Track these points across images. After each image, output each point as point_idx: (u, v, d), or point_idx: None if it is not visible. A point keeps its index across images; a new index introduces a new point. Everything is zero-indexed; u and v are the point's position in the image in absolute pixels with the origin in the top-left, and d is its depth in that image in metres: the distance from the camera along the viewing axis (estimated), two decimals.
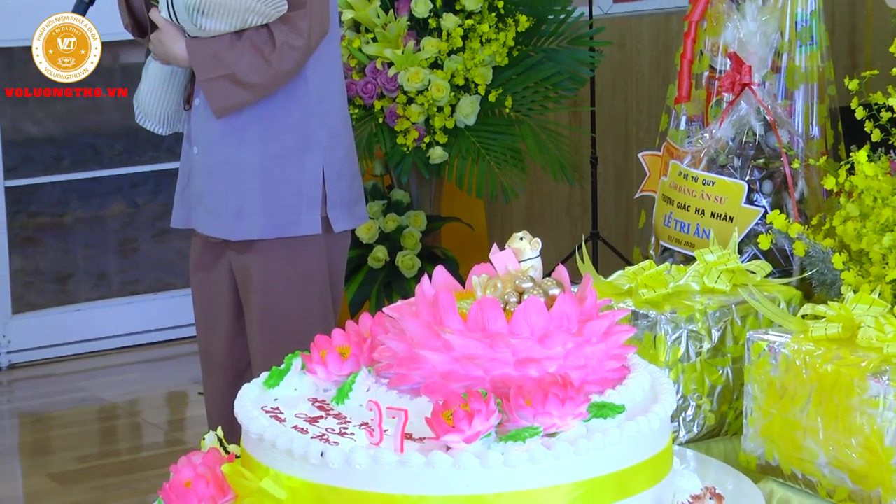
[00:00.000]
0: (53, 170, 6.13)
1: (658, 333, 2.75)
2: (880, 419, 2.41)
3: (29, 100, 6.12)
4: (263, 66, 3.62)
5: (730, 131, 3.40)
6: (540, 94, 5.36)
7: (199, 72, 3.66)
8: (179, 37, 3.67)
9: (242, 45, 3.62)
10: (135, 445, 5.25)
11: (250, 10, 3.56)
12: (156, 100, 3.81)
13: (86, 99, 6.27)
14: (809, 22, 3.60)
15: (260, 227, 3.72)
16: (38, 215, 6.17)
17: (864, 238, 2.87)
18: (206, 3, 3.56)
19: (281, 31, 3.60)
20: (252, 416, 2.11)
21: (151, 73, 3.81)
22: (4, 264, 5.80)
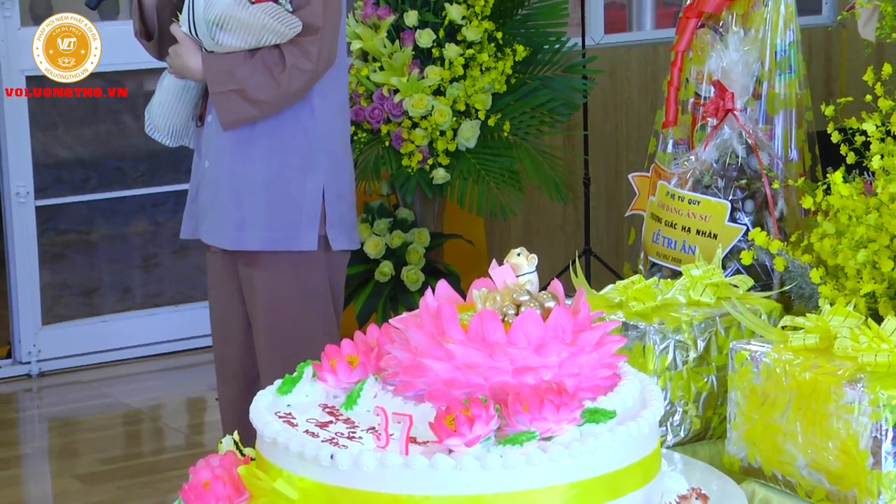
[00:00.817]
0: (81, 190, 6.13)
1: (647, 343, 2.74)
2: (855, 424, 2.41)
3: (58, 125, 6.12)
4: (272, 84, 3.62)
5: (714, 154, 3.40)
6: (536, 118, 5.36)
7: (211, 85, 3.65)
8: (196, 51, 3.67)
9: (254, 63, 3.62)
10: (156, 448, 5.24)
11: (266, 28, 3.56)
12: (167, 113, 3.81)
13: (111, 124, 6.27)
14: (788, 52, 3.60)
15: (259, 239, 3.72)
16: (67, 233, 6.16)
17: (839, 254, 2.86)
18: (225, 18, 3.56)
19: (292, 53, 3.60)
20: (266, 420, 2.11)
21: (165, 87, 3.80)
22: (35, 278, 5.79)
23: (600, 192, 6.36)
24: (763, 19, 3.59)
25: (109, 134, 6.31)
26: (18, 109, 5.69)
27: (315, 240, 3.72)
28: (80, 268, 6.19)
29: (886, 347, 2.47)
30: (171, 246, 6.20)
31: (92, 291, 6.22)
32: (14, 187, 5.72)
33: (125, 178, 6.24)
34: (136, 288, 6.29)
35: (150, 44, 3.78)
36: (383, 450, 1.97)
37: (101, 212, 6.21)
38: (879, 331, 2.51)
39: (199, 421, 5.40)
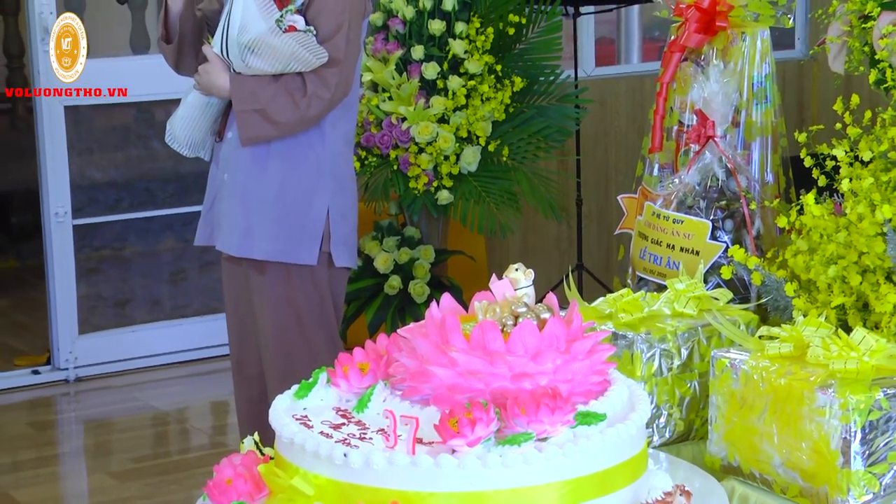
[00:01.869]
0: (114, 210, 6.13)
1: (635, 352, 2.74)
2: (826, 426, 2.41)
3: (94, 150, 6.13)
4: (292, 108, 3.62)
5: (696, 177, 3.40)
6: (532, 144, 5.36)
7: (236, 103, 3.66)
8: (225, 70, 3.67)
9: (278, 87, 3.62)
10: (183, 448, 5.23)
11: (295, 56, 3.56)
12: (188, 126, 3.81)
13: (143, 148, 6.28)
14: (764, 83, 3.60)
15: (263, 249, 3.72)
16: (101, 249, 6.17)
17: (812, 269, 2.86)
18: (258, 44, 3.56)
19: (313, 82, 3.61)
20: (284, 422, 2.11)
21: (189, 102, 3.80)
22: (72, 291, 5.79)
23: (591, 212, 6.36)
24: (741, 53, 3.59)
25: (140, 158, 6.32)
26: (57, 136, 5.70)
27: (315, 255, 3.72)
28: (113, 281, 6.19)
29: (855, 356, 2.47)
30: (197, 261, 6.21)
31: (124, 303, 6.22)
32: (53, 208, 5.72)
33: (155, 199, 6.25)
34: (165, 300, 6.29)
35: (169, 47, 3.79)
36: (392, 450, 1.97)
37: (132, 230, 6.21)
38: (849, 340, 2.51)
39: (222, 423, 5.40)
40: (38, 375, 5.78)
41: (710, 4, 3.58)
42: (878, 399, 2.39)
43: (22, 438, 5.18)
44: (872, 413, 2.39)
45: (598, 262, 6.31)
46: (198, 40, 3.80)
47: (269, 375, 3.81)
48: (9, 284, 6.97)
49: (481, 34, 5.25)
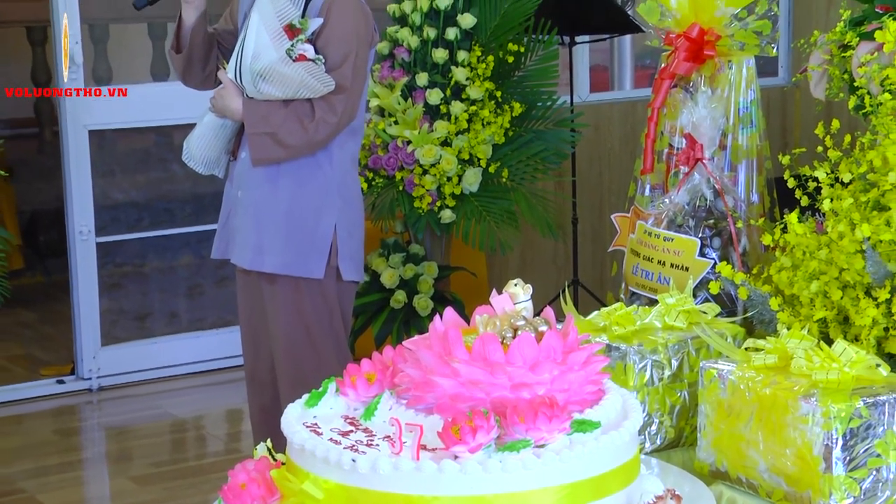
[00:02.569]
0: (135, 228, 6.14)
1: (628, 363, 2.74)
2: (809, 433, 2.40)
3: (116, 172, 6.14)
4: (301, 132, 3.63)
5: (685, 197, 3.40)
6: (530, 166, 5.36)
7: (248, 126, 3.67)
8: (238, 95, 3.68)
9: (288, 112, 3.63)
10: (200, 453, 5.23)
11: (304, 84, 3.57)
12: (204, 146, 3.82)
13: (162, 170, 6.29)
14: (750, 109, 3.60)
15: (272, 263, 3.73)
16: (123, 265, 6.17)
17: (795, 285, 2.86)
18: (269, 71, 3.57)
19: (321, 107, 3.62)
20: (295, 430, 2.11)
21: (205, 123, 3.81)
22: (95, 305, 5.80)
23: (586, 230, 6.36)
24: (728, 80, 3.59)
25: (160, 180, 6.33)
26: (81, 159, 5.71)
27: (323, 269, 3.72)
28: (134, 296, 6.19)
29: (836, 366, 2.47)
30: (213, 277, 6.21)
31: (144, 316, 6.22)
32: (77, 226, 5.73)
33: (173, 218, 6.26)
34: (183, 313, 6.29)
35: (179, 57, 3.80)
36: (397, 456, 1.96)
37: (152, 247, 6.22)
38: (830, 352, 2.50)
39: (236, 430, 5.39)
40: (62, 385, 5.78)
41: (698, 34, 3.59)
42: (858, 408, 2.39)
43: (47, 445, 5.18)
44: (853, 421, 2.39)
45: (593, 278, 6.30)
46: (206, 54, 3.80)
47: (281, 384, 3.82)
48: (36, 298, 6.97)
49: (482, 62, 5.25)
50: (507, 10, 5.26)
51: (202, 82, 3.85)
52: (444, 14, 5.24)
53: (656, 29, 3.76)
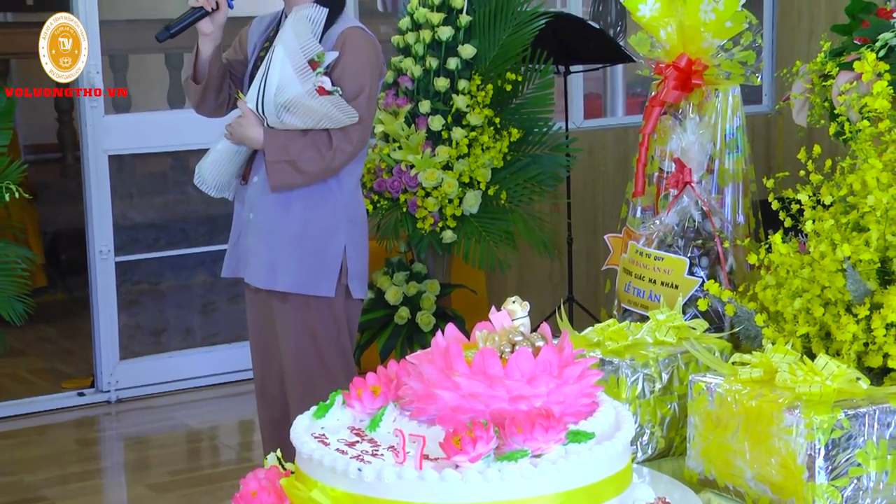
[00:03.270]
0: (152, 248, 6.14)
1: (620, 376, 2.73)
2: (793, 443, 2.40)
3: (134, 195, 6.14)
4: (319, 160, 3.63)
5: (675, 219, 3.39)
6: (528, 189, 5.37)
7: (268, 154, 3.66)
8: (258, 124, 3.68)
9: (306, 141, 3.63)
10: (213, 462, 5.22)
11: (327, 115, 3.57)
12: (217, 171, 3.82)
13: (178, 193, 6.30)
14: (735, 135, 3.60)
15: (286, 282, 3.73)
16: (140, 283, 6.17)
17: (779, 302, 2.86)
18: (294, 104, 3.57)
19: (338, 137, 3.62)
20: (304, 440, 2.10)
21: (219, 149, 3.81)
22: (114, 321, 5.80)
23: (581, 249, 6.36)
24: (715, 108, 3.59)
25: (176, 202, 6.34)
26: (101, 182, 5.71)
27: (333, 288, 3.72)
28: (150, 312, 6.19)
29: (818, 380, 2.47)
30: (226, 294, 6.21)
31: (161, 332, 6.22)
32: (97, 246, 5.73)
33: (188, 238, 6.26)
34: (197, 329, 6.29)
35: (196, 87, 3.79)
36: (401, 465, 1.96)
37: (168, 266, 6.22)
38: (813, 366, 2.50)
39: (248, 440, 5.38)
40: (83, 397, 5.78)
41: (686, 64, 3.59)
42: (839, 419, 2.39)
43: (68, 454, 5.17)
44: (835, 432, 2.38)
45: (587, 295, 6.30)
46: (220, 84, 3.80)
47: (290, 396, 3.81)
48: (57, 314, 6.97)
49: (482, 90, 5.26)
50: (505, 41, 5.27)
51: (214, 110, 3.85)
52: (445, 45, 5.25)
53: (647, 59, 3.77)
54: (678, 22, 3.63)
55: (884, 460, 2.43)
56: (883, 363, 2.68)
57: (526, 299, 2.26)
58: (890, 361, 2.65)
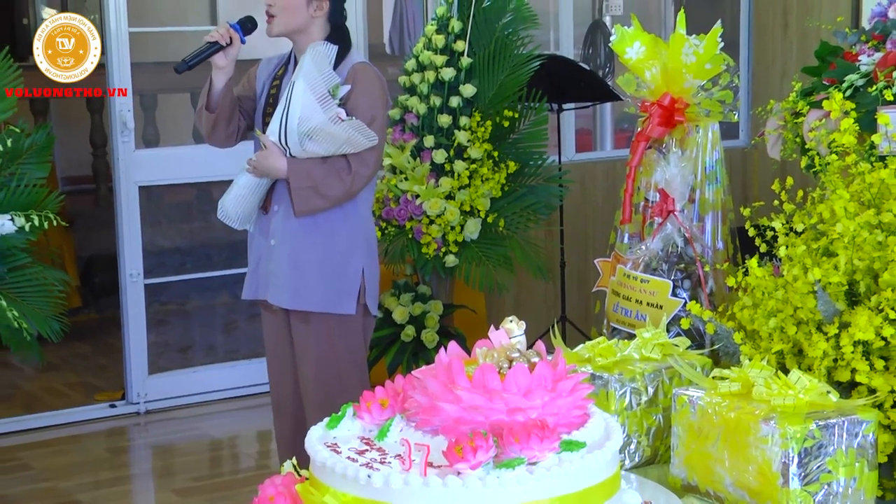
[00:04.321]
0: (178, 272, 6.15)
1: (609, 390, 2.73)
2: (769, 452, 2.39)
3: (162, 222, 6.14)
4: (339, 184, 3.63)
5: (659, 244, 3.40)
6: (524, 217, 5.37)
7: (293, 181, 3.65)
8: (282, 155, 3.67)
9: (328, 167, 3.63)
10: (234, 469, 5.21)
11: (348, 141, 3.57)
12: (240, 204, 3.81)
13: (202, 221, 6.30)
14: (715, 167, 3.61)
15: (310, 302, 3.72)
16: (168, 304, 6.17)
17: (755, 321, 2.86)
18: (317, 131, 3.57)
19: (356, 162, 3.62)
20: (317, 449, 2.10)
21: (241, 184, 3.79)
22: (143, 339, 5.79)
23: (573, 273, 6.36)
24: (696, 142, 3.60)
25: (200, 229, 6.35)
26: (132, 211, 5.72)
27: (353, 306, 3.72)
28: (177, 331, 6.19)
29: (792, 393, 2.46)
30: (246, 314, 6.20)
31: (186, 349, 6.21)
32: (128, 270, 5.73)
33: (212, 262, 6.26)
34: (220, 346, 6.28)
35: (208, 116, 3.77)
36: (407, 472, 1.95)
37: (193, 288, 6.22)
38: (787, 380, 2.50)
39: (266, 449, 5.37)
40: (114, 409, 5.77)
41: (669, 102, 3.60)
42: (811, 429, 2.38)
43: (101, 461, 5.16)
44: (807, 441, 2.38)
45: (579, 315, 6.29)
46: (231, 115, 3.79)
47: (308, 409, 3.79)
48: (91, 332, 6.97)
49: (481, 126, 5.27)
50: (503, 82, 5.28)
51: (225, 140, 3.83)
52: (448, 85, 5.26)
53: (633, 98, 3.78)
54: (662, 64, 3.64)
55: (852, 467, 2.42)
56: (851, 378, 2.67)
57: (522, 319, 2.26)
58: (857, 376, 2.65)
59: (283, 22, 3.68)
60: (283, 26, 3.69)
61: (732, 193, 3.71)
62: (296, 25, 3.68)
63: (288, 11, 3.67)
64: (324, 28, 3.71)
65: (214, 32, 3.67)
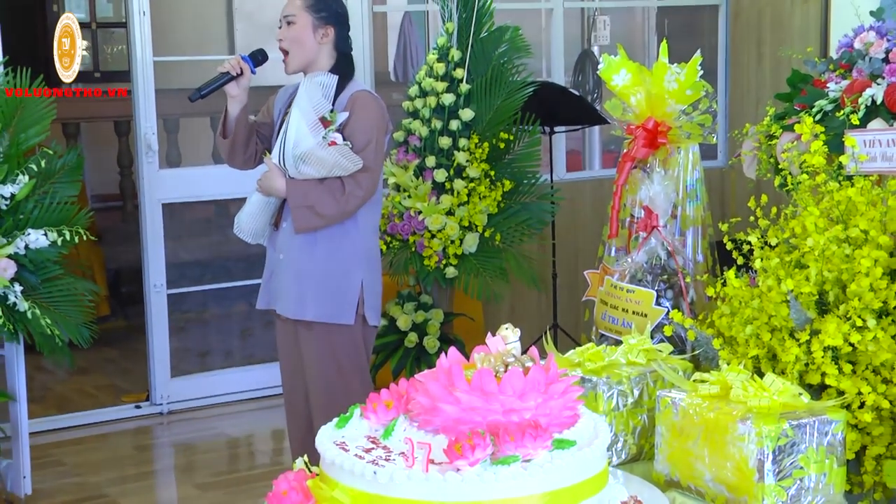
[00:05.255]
0: (198, 282, 6.14)
1: (598, 392, 2.73)
2: (745, 449, 2.39)
3: (183, 237, 6.15)
4: (334, 204, 3.64)
5: (644, 257, 3.40)
6: (518, 231, 5.37)
7: (290, 200, 3.67)
8: (282, 176, 3.69)
9: (323, 188, 3.64)
10: (250, 466, 5.20)
11: (337, 165, 3.59)
12: (252, 220, 3.82)
13: (220, 235, 6.31)
14: (695, 186, 3.62)
15: (313, 313, 3.72)
16: (188, 312, 6.17)
17: (733, 328, 2.86)
18: (309, 155, 3.59)
19: (350, 183, 3.63)
20: (327, 447, 2.10)
21: (253, 201, 3.81)
22: (165, 345, 5.79)
23: (564, 283, 6.36)
24: (677, 163, 3.61)
25: (218, 243, 6.35)
26: (156, 226, 5.72)
27: (352, 317, 3.72)
28: (197, 337, 6.19)
29: (767, 395, 2.46)
30: (261, 321, 6.20)
31: (205, 354, 6.21)
32: (152, 281, 5.73)
33: (229, 274, 6.26)
34: (236, 351, 6.28)
35: (225, 142, 3.79)
36: (410, 468, 1.95)
37: (212, 298, 6.22)
38: (762, 383, 2.50)
39: (279, 446, 5.36)
40: (139, 409, 5.76)
41: (653, 125, 3.61)
42: (784, 429, 2.38)
43: (127, 458, 5.15)
44: (781, 439, 2.38)
45: (570, 323, 6.29)
46: (247, 140, 3.80)
47: (315, 410, 3.79)
48: (118, 339, 6.96)
49: (479, 147, 5.28)
50: (499, 106, 5.29)
51: (243, 163, 3.85)
52: (448, 109, 5.27)
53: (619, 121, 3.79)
54: (646, 90, 3.65)
55: (822, 464, 2.42)
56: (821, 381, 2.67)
57: (517, 326, 2.26)
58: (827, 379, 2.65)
59: (297, 56, 3.69)
60: (297, 61, 3.70)
61: (711, 210, 3.72)
62: (307, 58, 3.70)
63: (298, 43, 3.69)
64: (331, 56, 3.72)
65: (226, 63, 3.68)
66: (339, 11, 3.74)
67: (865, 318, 2.65)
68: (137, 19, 5.51)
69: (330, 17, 3.71)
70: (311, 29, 3.68)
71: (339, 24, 3.72)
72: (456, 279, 5.29)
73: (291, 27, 3.69)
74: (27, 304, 4.22)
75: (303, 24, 3.68)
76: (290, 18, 3.70)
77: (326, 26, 3.69)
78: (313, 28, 3.68)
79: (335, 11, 3.73)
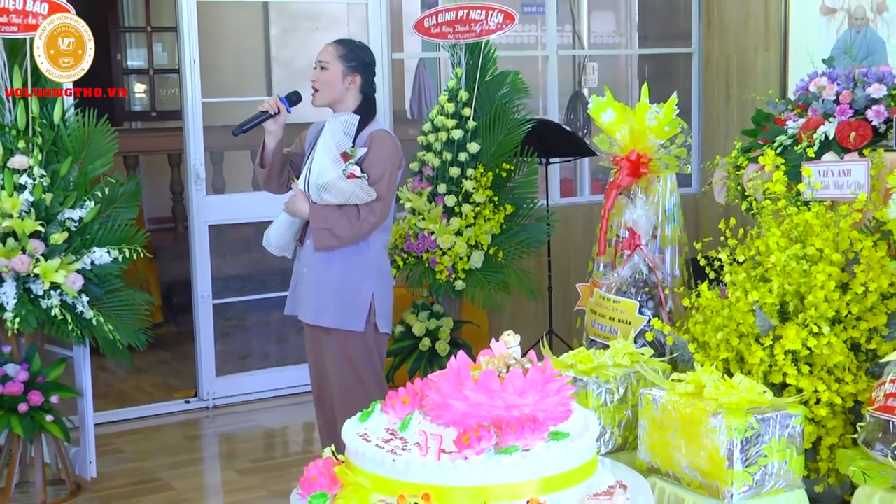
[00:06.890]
0: (240, 293, 6.14)
1: (588, 390, 2.72)
2: (717, 440, 2.38)
3: (227, 253, 6.15)
4: (349, 227, 3.65)
5: (628, 272, 3.40)
6: (518, 249, 5.36)
7: (312, 223, 3.69)
8: (306, 201, 3.71)
9: (341, 213, 3.65)
10: (284, 454, 5.19)
11: (354, 195, 3.60)
12: (279, 235, 3.84)
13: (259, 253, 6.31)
14: (673, 210, 3.61)
15: (329, 320, 3.73)
16: (231, 320, 6.17)
17: (706, 334, 2.85)
18: (330, 185, 3.61)
19: (365, 211, 3.64)
20: (351, 438, 2.10)
21: (280, 220, 3.84)
22: (211, 348, 5.78)
23: (558, 295, 6.34)
24: (657, 190, 3.61)
25: (257, 259, 6.35)
26: (203, 244, 5.73)
27: (363, 325, 3.72)
28: (238, 342, 6.18)
29: (735, 393, 2.46)
30: (295, 328, 6.19)
31: (246, 356, 6.20)
32: (200, 292, 5.73)
33: (267, 286, 6.26)
34: (273, 354, 6.27)
35: (262, 171, 3.82)
36: (424, 457, 1.95)
37: (252, 307, 6.22)
38: (731, 383, 2.49)
39: (310, 437, 5.35)
40: (188, 404, 5.76)
41: (636, 157, 3.61)
42: (751, 422, 2.37)
43: (178, 447, 5.15)
44: (748, 431, 2.37)
45: (564, 329, 6.28)
46: (282, 169, 3.83)
47: (336, 405, 3.79)
48: (170, 343, 6.96)
49: (484, 176, 5.28)
50: (502, 140, 5.29)
51: (278, 188, 3.88)
52: (457, 143, 5.28)
53: (606, 153, 3.79)
54: (629, 126, 3.65)
55: (784, 452, 2.41)
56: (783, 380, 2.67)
57: (517, 332, 2.26)
58: (788, 379, 2.65)
59: (325, 95, 3.71)
60: (324, 98, 3.72)
61: (687, 231, 3.72)
62: (334, 97, 3.72)
63: (328, 86, 3.71)
64: (356, 98, 3.74)
65: (265, 103, 3.71)
66: (366, 61, 3.76)
67: (821, 326, 2.65)
68: (188, 66, 5.54)
69: (359, 66, 3.73)
70: (341, 76, 3.70)
71: (366, 72, 3.74)
72: (464, 291, 5.28)
73: (324, 72, 3.71)
74: (92, 312, 4.24)
75: (334, 70, 3.70)
76: (323, 64, 3.72)
77: (355, 74, 3.71)
78: (343, 75, 3.70)
79: (363, 61, 3.75)
